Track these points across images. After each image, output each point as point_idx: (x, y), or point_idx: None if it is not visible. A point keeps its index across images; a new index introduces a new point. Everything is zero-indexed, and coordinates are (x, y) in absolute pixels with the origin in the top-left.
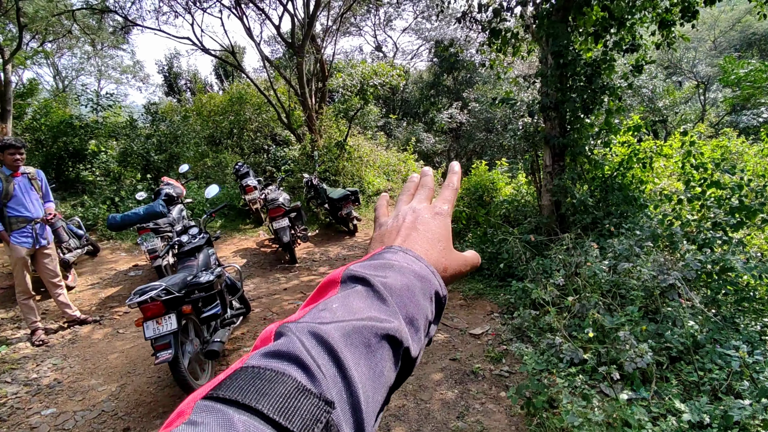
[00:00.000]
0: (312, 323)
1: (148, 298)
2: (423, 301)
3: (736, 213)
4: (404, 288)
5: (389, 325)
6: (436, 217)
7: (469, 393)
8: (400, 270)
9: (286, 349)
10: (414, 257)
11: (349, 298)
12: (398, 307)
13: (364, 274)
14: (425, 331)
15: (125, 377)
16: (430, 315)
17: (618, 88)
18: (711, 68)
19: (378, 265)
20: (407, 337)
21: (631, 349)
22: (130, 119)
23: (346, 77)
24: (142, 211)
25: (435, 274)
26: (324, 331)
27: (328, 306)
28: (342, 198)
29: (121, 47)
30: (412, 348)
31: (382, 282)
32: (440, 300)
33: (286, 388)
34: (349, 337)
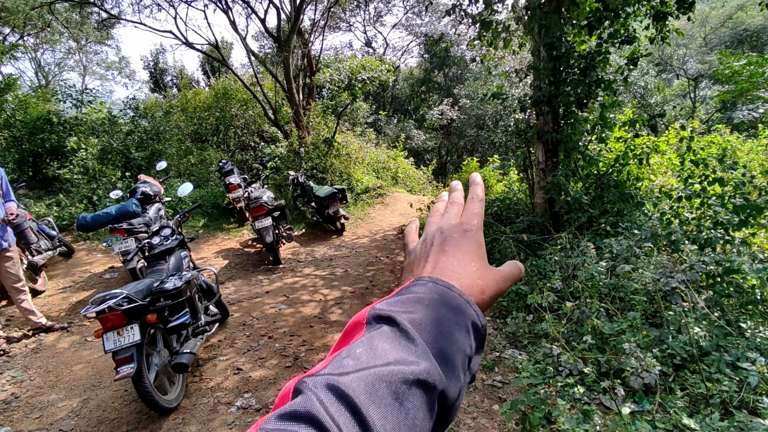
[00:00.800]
0: (332, 375)
1: (106, 308)
2: (458, 334)
3: (741, 211)
4: (435, 323)
5: (418, 368)
6: (466, 235)
7: (461, 406)
8: (431, 303)
9: (303, 410)
10: (445, 287)
11: (374, 340)
12: (429, 345)
13: (390, 312)
14: (464, 367)
15: (89, 391)
16: (469, 349)
17: (613, 82)
18: (701, 65)
19: (405, 301)
20: (441, 379)
21: (637, 363)
22: (109, 115)
23: (333, 72)
24: (114, 210)
25: (470, 303)
26: (345, 385)
27: (351, 352)
28: (329, 196)
29: (106, 42)
30: (449, 390)
31: (409, 319)
32: (479, 330)
33: None
34: (374, 388)
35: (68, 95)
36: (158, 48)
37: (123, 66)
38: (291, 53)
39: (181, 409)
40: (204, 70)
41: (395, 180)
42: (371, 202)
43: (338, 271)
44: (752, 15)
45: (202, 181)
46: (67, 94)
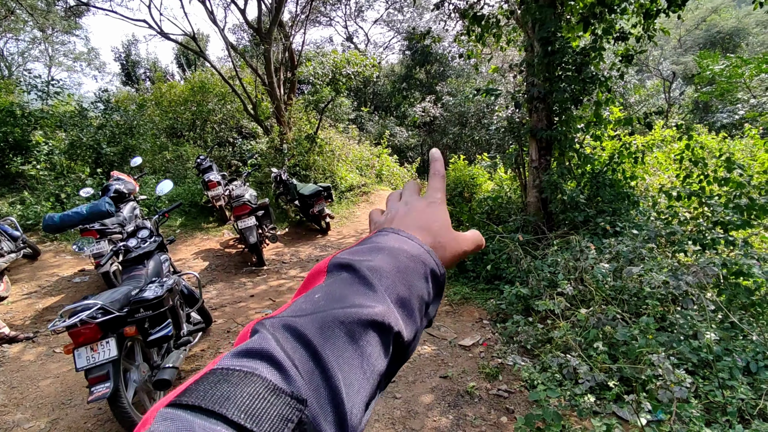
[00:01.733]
0: (289, 317)
1: (78, 321)
2: (417, 281)
3: (746, 212)
4: (394, 270)
5: (374, 310)
6: (431, 205)
7: (466, 419)
8: (390, 251)
9: (258, 347)
10: (406, 237)
11: (333, 286)
12: (387, 290)
13: (350, 260)
14: (421, 312)
15: (58, 410)
16: (427, 295)
17: (608, 78)
18: (676, 66)
19: (366, 250)
20: (397, 322)
21: (667, 375)
22: (79, 108)
23: (317, 65)
24: (85, 210)
25: (430, 252)
26: (300, 325)
27: (310, 297)
28: (313, 194)
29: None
30: (405, 332)
31: (368, 266)
32: (437, 278)
33: (254, 388)
34: (329, 328)
35: (33, 86)
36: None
37: (92, 57)
38: (272, 46)
39: None
40: (179, 62)
41: (380, 178)
42: (356, 200)
43: None
44: (725, 18)
45: (179, 178)
46: (32, 85)
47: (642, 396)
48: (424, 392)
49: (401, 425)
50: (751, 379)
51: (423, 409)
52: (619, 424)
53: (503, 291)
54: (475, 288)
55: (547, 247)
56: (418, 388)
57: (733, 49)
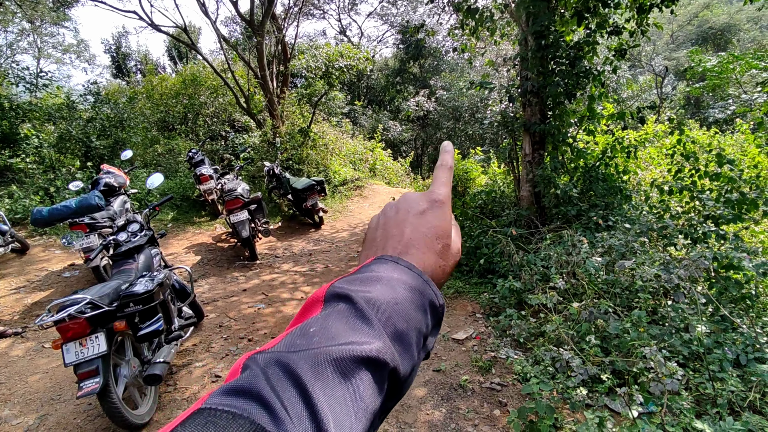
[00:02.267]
0: (282, 352)
1: (66, 316)
2: (415, 313)
3: (736, 206)
4: (392, 302)
5: (370, 347)
6: (433, 207)
7: (459, 412)
8: (389, 282)
9: (248, 386)
10: (406, 266)
11: (329, 319)
12: (383, 324)
13: (347, 291)
14: (418, 345)
15: (47, 405)
16: (425, 328)
17: (602, 73)
18: (668, 62)
19: (364, 279)
20: (393, 357)
21: (659, 367)
22: (68, 100)
23: (309, 58)
24: (74, 203)
25: (429, 283)
26: (293, 362)
27: (305, 330)
28: (307, 188)
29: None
30: (401, 367)
31: (365, 298)
32: (436, 309)
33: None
34: (321, 366)
35: (21, 78)
36: (120, 31)
37: (82, 49)
38: (264, 39)
39: (153, 423)
40: (170, 55)
41: (373, 172)
42: (349, 194)
43: (318, 267)
44: (717, 13)
45: (171, 172)
46: (20, 77)
47: (634, 389)
48: (417, 386)
49: (394, 419)
50: (741, 372)
51: (416, 403)
52: (611, 416)
53: (496, 285)
54: (468, 282)
55: (540, 241)
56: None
57: (725, 45)
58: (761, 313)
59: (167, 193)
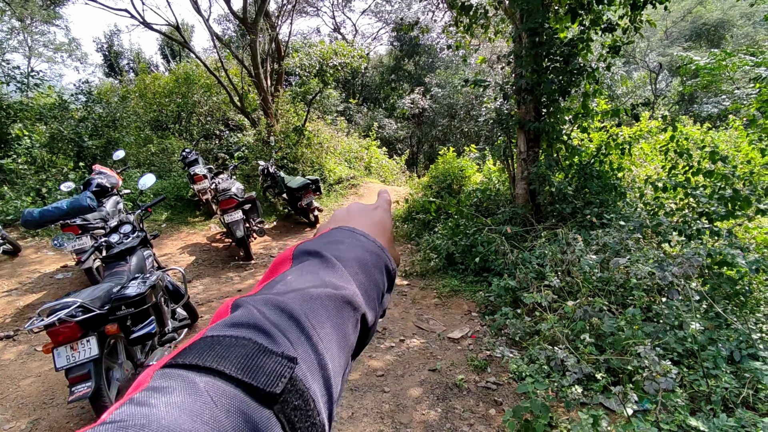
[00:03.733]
0: (268, 295)
1: (56, 320)
2: (375, 272)
3: (730, 202)
4: (356, 259)
5: (345, 291)
6: (377, 210)
7: (455, 412)
8: (351, 244)
9: (244, 319)
10: (361, 234)
11: (303, 269)
12: (351, 275)
13: (316, 248)
14: (378, 300)
15: (39, 410)
16: (383, 286)
17: (596, 70)
18: (662, 58)
19: (329, 242)
20: (362, 304)
21: (653, 366)
22: (59, 99)
23: (303, 56)
24: (65, 205)
25: (384, 250)
26: (281, 301)
27: (283, 279)
28: (302, 187)
29: (53, 22)
30: (368, 314)
31: (334, 255)
32: (390, 272)
33: (246, 350)
34: (309, 302)
35: (11, 77)
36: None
37: (73, 48)
38: (258, 36)
39: None
40: (163, 53)
41: (368, 170)
42: (345, 193)
43: None
44: (711, 9)
45: (164, 172)
46: (11, 77)
47: (628, 387)
48: (413, 385)
49: (389, 419)
50: (735, 368)
51: (411, 403)
52: (606, 414)
53: (492, 283)
54: (464, 280)
55: (535, 239)
56: (407, 381)
57: (718, 41)
58: (754, 309)
59: (160, 194)
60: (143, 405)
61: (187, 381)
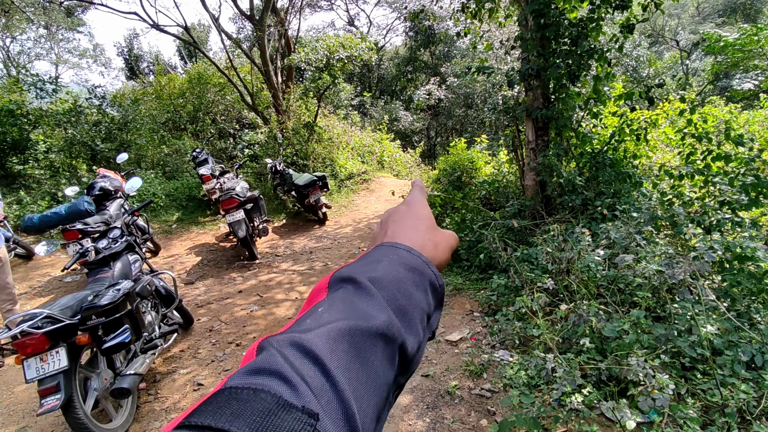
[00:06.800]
0: (294, 334)
1: (18, 333)
2: (417, 292)
3: (752, 190)
4: (394, 281)
5: (378, 322)
6: (410, 207)
7: (443, 422)
8: (390, 263)
9: (266, 365)
10: (404, 249)
11: (335, 299)
12: (389, 301)
13: (350, 274)
14: (423, 323)
15: (28, 417)
16: (427, 306)
17: (607, 51)
18: (694, 35)
19: (366, 263)
20: (399, 332)
21: (647, 381)
22: (74, 104)
23: (309, 51)
24: (64, 210)
25: (428, 264)
26: (306, 340)
27: (314, 312)
28: (308, 184)
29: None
30: (408, 343)
31: (369, 277)
32: (436, 289)
33: (264, 405)
34: (336, 342)
35: (32, 84)
36: (132, 33)
37: (98, 54)
38: (266, 33)
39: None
40: (181, 55)
41: (381, 164)
42: (356, 188)
43: (317, 265)
44: None
45: (177, 172)
46: (31, 84)
47: (622, 403)
48: (403, 393)
49: None
50: (756, 375)
51: (399, 412)
52: (607, 426)
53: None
54: (468, 278)
55: (544, 233)
56: None
57: (755, 15)
58: None
59: (172, 194)
60: None
61: None
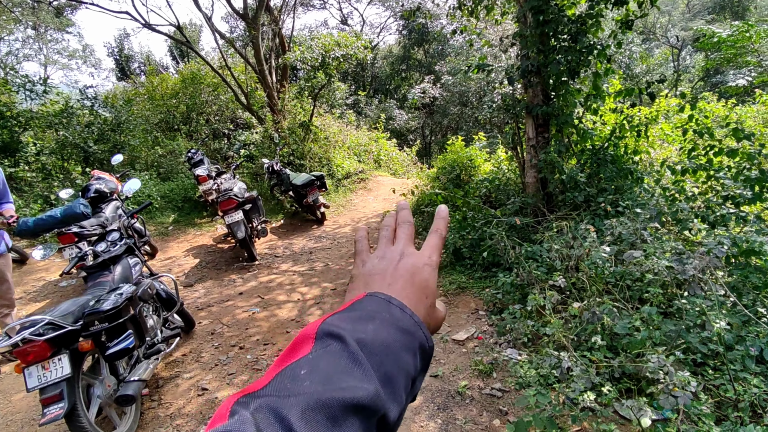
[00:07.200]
0: (272, 396)
1: (20, 340)
2: (405, 356)
3: (757, 184)
4: (383, 345)
5: (361, 393)
6: (425, 269)
7: (455, 423)
8: (382, 323)
9: (238, 431)
10: (399, 307)
11: (320, 360)
12: (375, 367)
13: (340, 331)
14: (406, 389)
15: (27, 426)
16: (413, 371)
17: (606, 47)
18: (685, 32)
19: (357, 318)
20: (382, 403)
21: (668, 378)
22: (65, 105)
23: (305, 50)
24: (59, 213)
25: (420, 326)
26: (283, 407)
27: (295, 373)
28: (306, 184)
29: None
30: (390, 413)
31: (358, 339)
32: (425, 352)
33: None
34: (313, 412)
35: (21, 86)
36: (122, 33)
37: (87, 54)
38: (260, 32)
39: None
40: (173, 55)
41: (378, 163)
42: (353, 187)
43: (318, 266)
44: None
45: (172, 174)
46: (20, 85)
47: (642, 401)
48: None
49: None
50: (765, 368)
51: (410, 414)
52: (622, 424)
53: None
54: (472, 276)
55: (546, 230)
56: None
57: (742, 12)
58: None
59: (167, 195)
60: None
61: None
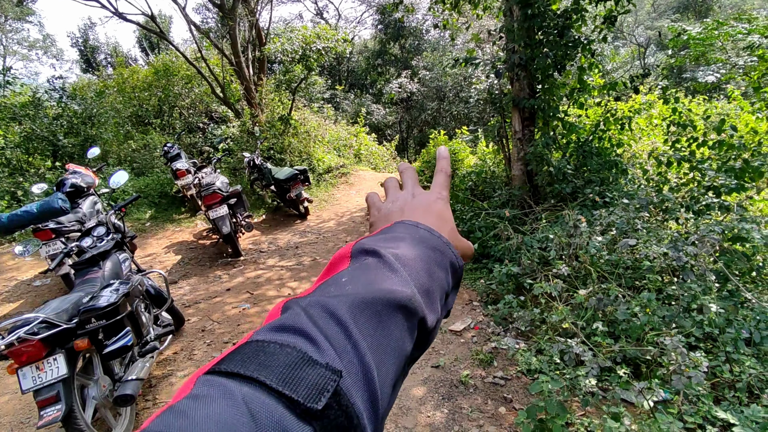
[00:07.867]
0: (319, 297)
1: (15, 339)
2: (438, 271)
3: (740, 174)
4: (417, 259)
5: (401, 295)
6: (438, 202)
7: (462, 411)
8: (413, 241)
9: (291, 323)
10: (425, 229)
11: (359, 270)
12: (411, 276)
13: (375, 247)
14: (441, 301)
15: (17, 429)
16: (447, 285)
17: (591, 42)
18: (650, 31)
19: (389, 238)
20: (422, 307)
21: (681, 359)
22: (32, 97)
23: (285, 42)
24: (35, 208)
25: (449, 245)
26: (332, 304)
27: (337, 280)
28: (290, 178)
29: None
30: (428, 318)
31: (393, 253)
32: (456, 269)
33: (290, 358)
34: (359, 309)
35: None
36: (87, 23)
37: (48, 44)
38: (237, 23)
39: None
40: (142, 46)
41: (358, 158)
42: (335, 182)
43: (305, 260)
44: None
45: (147, 168)
46: None
47: (654, 383)
48: (416, 385)
49: (393, 423)
50: (756, 350)
51: (415, 404)
52: (625, 408)
53: (492, 270)
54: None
55: (535, 222)
56: (409, 380)
57: (706, 12)
58: None
59: (143, 191)
60: (182, 416)
61: (227, 391)
